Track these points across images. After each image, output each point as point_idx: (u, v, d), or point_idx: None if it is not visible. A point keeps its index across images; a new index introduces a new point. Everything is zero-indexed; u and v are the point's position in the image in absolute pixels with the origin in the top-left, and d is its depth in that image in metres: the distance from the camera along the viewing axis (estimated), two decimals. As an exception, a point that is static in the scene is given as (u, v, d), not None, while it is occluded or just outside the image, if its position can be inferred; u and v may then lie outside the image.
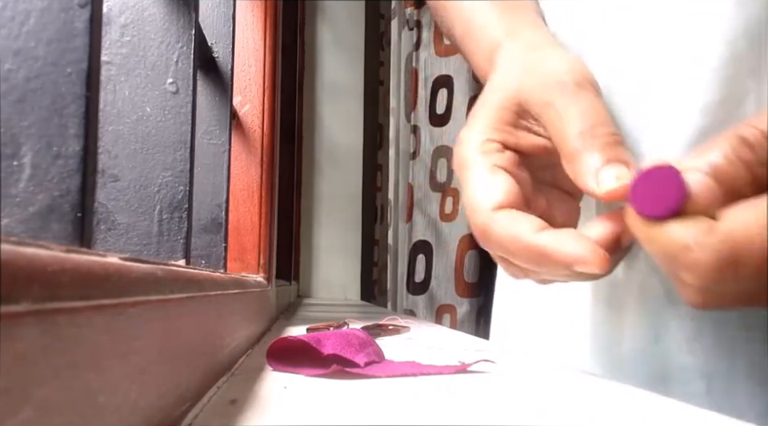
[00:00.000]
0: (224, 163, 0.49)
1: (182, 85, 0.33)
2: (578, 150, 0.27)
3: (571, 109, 0.28)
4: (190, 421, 0.21)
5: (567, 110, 0.28)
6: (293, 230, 1.60)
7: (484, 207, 0.29)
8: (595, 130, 0.28)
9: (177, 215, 0.33)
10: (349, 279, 2.11)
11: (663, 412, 0.25)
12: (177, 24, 0.34)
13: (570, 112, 0.28)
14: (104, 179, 0.32)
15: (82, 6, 0.18)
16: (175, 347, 0.20)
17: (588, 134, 0.27)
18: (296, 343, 0.34)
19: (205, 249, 0.47)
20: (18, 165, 0.18)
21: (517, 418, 0.23)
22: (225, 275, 0.35)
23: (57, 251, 0.12)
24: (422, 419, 0.22)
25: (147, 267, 0.16)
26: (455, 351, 0.44)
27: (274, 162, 0.71)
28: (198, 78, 0.39)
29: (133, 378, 0.15)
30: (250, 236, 0.65)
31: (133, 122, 0.33)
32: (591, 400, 0.27)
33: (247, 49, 0.68)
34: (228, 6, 0.50)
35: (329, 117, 2.11)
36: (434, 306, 1.39)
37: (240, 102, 0.67)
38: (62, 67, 0.18)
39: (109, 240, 0.31)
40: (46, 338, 0.10)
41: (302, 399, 0.25)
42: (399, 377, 0.31)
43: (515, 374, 0.34)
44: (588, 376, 0.34)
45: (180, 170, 0.33)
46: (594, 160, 0.27)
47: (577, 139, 0.27)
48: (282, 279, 1.15)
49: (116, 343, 0.14)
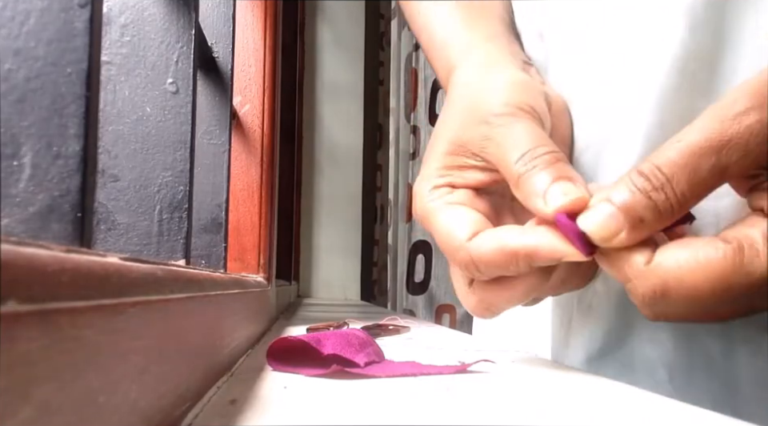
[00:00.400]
0: (224, 163, 0.49)
1: (181, 85, 0.33)
2: (521, 173, 0.28)
3: (508, 138, 0.30)
4: (189, 421, 0.21)
5: (505, 140, 0.30)
6: (293, 230, 1.61)
7: (459, 242, 0.30)
8: (534, 152, 0.29)
9: (177, 215, 0.33)
10: (349, 279, 2.11)
11: (663, 412, 0.25)
12: (177, 24, 0.34)
13: (507, 141, 0.30)
14: (104, 179, 0.32)
15: (82, 6, 0.18)
16: (175, 347, 0.20)
17: (528, 157, 0.29)
18: (296, 343, 0.34)
19: (205, 249, 0.47)
20: (17, 165, 0.18)
21: (517, 418, 0.23)
22: (225, 275, 0.35)
23: (57, 251, 0.12)
24: (422, 419, 0.22)
25: (147, 267, 0.16)
26: (455, 351, 0.44)
27: (274, 162, 0.71)
28: (198, 78, 0.39)
29: (133, 378, 0.15)
30: (250, 236, 0.65)
31: (133, 122, 0.33)
32: (591, 400, 0.27)
33: (247, 49, 0.68)
34: (228, 6, 0.50)
35: (329, 117, 2.11)
36: (434, 306, 1.39)
37: (240, 102, 0.67)
38: (61, 67, 0.18)
39: (109, 240, 0.31)
40: (46, 338, 0.10)
41: (302, 399, 0.25)
42: (399, 377, 0.31)
43: (515, 374, 0.34)
44: (588, 376, 0.34)
45: (180, 170, 0.33)
46: (538, 180, 0.28)
47: (518, 164, 0.29)
48: (281, 279, 1.15)
49: (116, 343, 0.14)
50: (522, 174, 0.28)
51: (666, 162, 0.24)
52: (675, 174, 0.24)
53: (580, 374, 0.35)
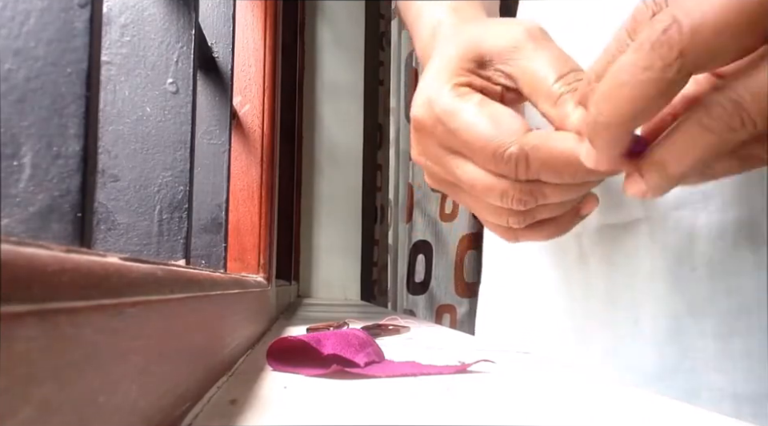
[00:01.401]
0: (224, 163, 0.49)
1: (182, 85, 0.33)
2: (561, 92, 0.28)
3: (543, 53, 0.29)
4: (189, 421, 0.21)
5: (540, 55, 0.29)
6: (293, 230, 1.60)
7: (513, 133, 0.28)
8: (576, 75, 0.28)
9: (177, 215, 0.33)
10: (349, 279, 2.11)
11: (663, 412, 0.25)
12: (177, 24, 0.34)
13: (543, 56, 0.29)
14: (104, 179, 0.32)
15: (82, 6, 0.18)
16: (175, 347, 0.20)
17: (570, 78, 0.28)
18: (296, 343, 0.34)
19: (205, 249, 0.47)
20: (17, 165, 0.18)
21: (517, 418, 0.23)
22: (225, 275, 0.35)
23: (57, 251, 0.12)
24: (422, 419, 0.22)
25: (147, 267, 0.16)
26: (455, 351, 0.44)
27: (274, 162, 0.71)
28: (198, 78, 0.39)
29: (133, 378, 0.15)
30: (250, 236, 0.65)
31: (133, 122, 0.33)
32: (591, 400, 0.27)
33: (247, 49, 0.68)
34: (228, 6, 0.50)
35: (329, 117, 2.11)
36: (434, 306, 1.39)
37: (240, 102, 0.67)
38: (61, 67, 0.18)
39: (109, 240, 0.31)
40: (46, 338, 0.10)
41: (302, 399, 0.25)
42: (399, 377, 0.31)
43: (515, 374, 0.34)
44: (587, 376, 0.34)
45: (180, 170, 0.33)
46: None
47: (557, 85, 0.28)
48: (282, 279, 1.15)
49: (116, 343, 0.14)
50: (562, 93, 0.28)
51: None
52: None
53: (580, 374, 0.35)
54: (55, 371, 0.11)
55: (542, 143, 0.28)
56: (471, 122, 0.30)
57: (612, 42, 0.25)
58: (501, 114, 0.29)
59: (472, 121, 0.30)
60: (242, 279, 0.44)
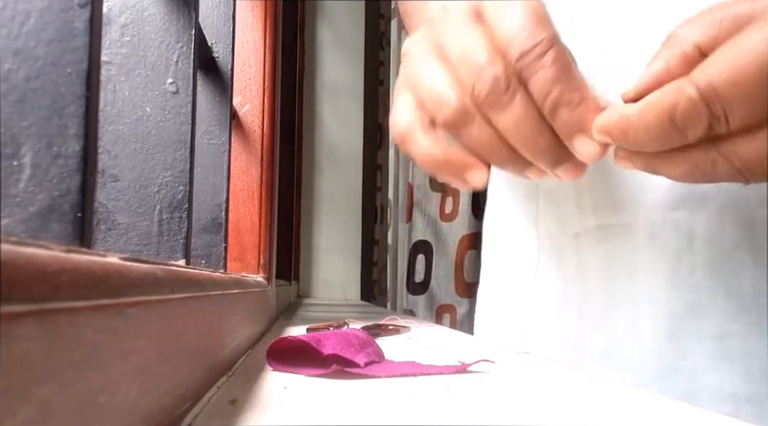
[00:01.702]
0: (224, 163, 0.49)
1: (182, 85, 0.33)
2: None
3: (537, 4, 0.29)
4: (189, 421, 0.21)
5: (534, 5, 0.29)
6: (293, 230, 1.60)
7: (544, 27, 0.28)
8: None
9: (177, 215, 0.33)
10: (349, 279, 2.11)
11: (663, 412, 0.25)
12: (177, 24, 0.34)
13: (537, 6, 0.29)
14: (104, 179, 0.32)
15: (82, 6, 0.18)
16: (175, 347, 0.20)
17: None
18: (296, 343, 0.34)
19: (205, 249, 0.47)
20: (17, 165, 0.18)
21: (517, 418, 0.23)
22: (225, 275, 0.35)
23: (57, 251, 0.12)
24: (422, 419, 0.22)
25: (147, 267, 0.16)
26: (455, 351, 0.44)
27: (274, 162, 0.71)
28: (198, 78, 0.39)
29: (133, 378, 0.15)
30: (250, 236, 0.65)
31: (133, 122, 0.33)
32: (591, 400, 0.27)
33: (247, 49, 0.68)
34: (228, 6, 0.50)
35: (329, 117, 2.11)
36: (434, 306, 1.39)
37: (240, 102, 0.67)
38: (62, 67, 0.18)
39: (109, 240, 0.31)
40: (46, 338, 0.10)
41: (302, 399, 0.25)
42: (399, 377, 0.31)
43: (515, 374, 0.34)
44: (587, 376, 0.34)
45: (180, 170, 0.33)
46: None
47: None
48: (282, 279, 1.15)
49: (116, 343, 0.14)
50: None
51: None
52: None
53: (580, 374, 0.35)
54: (55, 371, 0.11)
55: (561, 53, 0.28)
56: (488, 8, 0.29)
57: (656, 63, 0.27)
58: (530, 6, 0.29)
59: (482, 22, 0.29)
60: (242, 279, 0.44)
